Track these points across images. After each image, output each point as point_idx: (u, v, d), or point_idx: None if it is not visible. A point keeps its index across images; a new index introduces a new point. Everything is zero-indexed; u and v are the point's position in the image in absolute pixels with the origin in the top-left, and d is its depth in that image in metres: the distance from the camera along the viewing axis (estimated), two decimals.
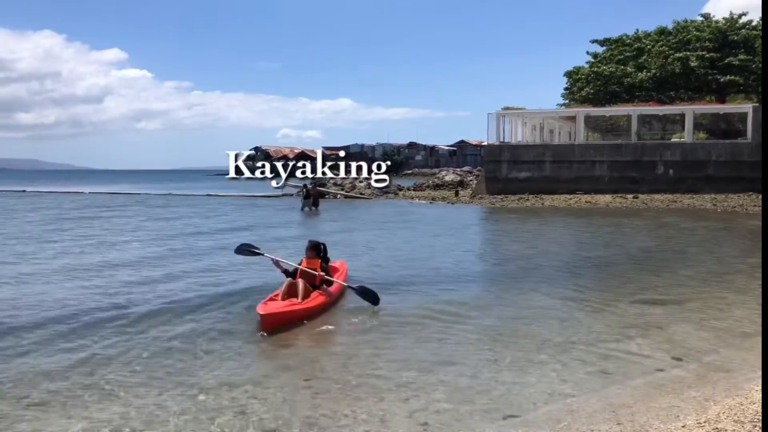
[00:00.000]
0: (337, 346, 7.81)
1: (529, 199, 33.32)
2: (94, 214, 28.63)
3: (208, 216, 28.25)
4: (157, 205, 35.50)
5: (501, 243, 19.45)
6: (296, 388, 6.17)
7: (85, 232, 20.76)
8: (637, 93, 50.77)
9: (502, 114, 38.81)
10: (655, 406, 5.48)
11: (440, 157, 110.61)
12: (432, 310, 9.41)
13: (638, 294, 10.54)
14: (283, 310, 8.54)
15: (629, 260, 14.50)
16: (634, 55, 53.76)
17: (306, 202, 31.14)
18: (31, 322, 8.58)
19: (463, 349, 7.44)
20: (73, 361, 6.94)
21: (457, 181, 45.64)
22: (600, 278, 12.25)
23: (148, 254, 15.37)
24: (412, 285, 11.51)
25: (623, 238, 18.94)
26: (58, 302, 9.82)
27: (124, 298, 10.15)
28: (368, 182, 42.55)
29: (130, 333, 8.12)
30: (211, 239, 18.77)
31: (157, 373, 6.58)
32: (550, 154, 35.93)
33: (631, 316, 8.99)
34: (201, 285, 11.28)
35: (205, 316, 9.09)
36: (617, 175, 34.37)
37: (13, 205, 35.86)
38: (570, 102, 56.49)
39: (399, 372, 6.60)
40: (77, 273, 12.58)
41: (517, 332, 8.19)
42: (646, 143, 36.03)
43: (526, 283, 11.64)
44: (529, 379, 6.36)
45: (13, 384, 6.22)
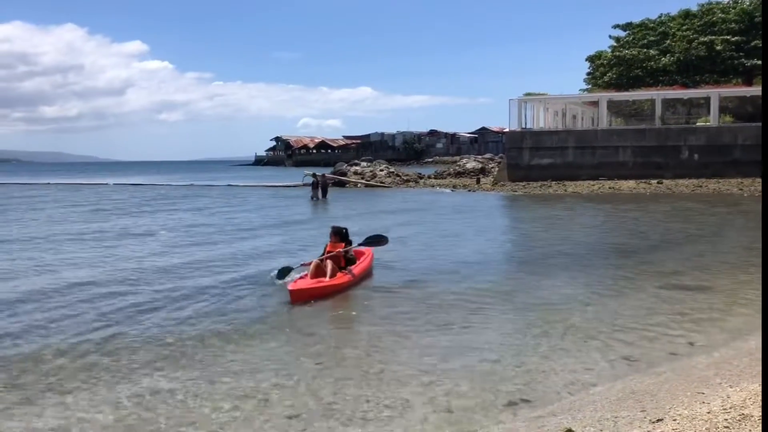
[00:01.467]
0: (359, 333, 7.85)
1: (551, 185, 33.08)
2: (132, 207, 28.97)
3: (234, 207, 28.44)
4: (182, 196, 35.81)
5: (523, 230, 19.36)
6: (319, 374, 6.21)
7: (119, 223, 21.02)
8: (661, 77, 50.08)
9: (523, 100, 38.49)
10: (680, 393, 5.43)
11: (461, 145, 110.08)
12: (454, 297, 9.42)
13: (663, 280, 10.44)
14: (312, 287, 9.46)
15: (653, 246, 14.36)
16: (658, 39, 53.02)
17: (315, 192, 31.24)
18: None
19: (485, 336, 7.43)
20: (98, 343, 7.04)
21: (478, 169, 45.42)
22: (624, 264, 12.13)
23: (174, 243, 15.54)
24: (434, 272, 11.52)
25: (647, 224, 18.75)
26: (101, 287, 9.98)
27: (149, 286, 10.28)
28: (388, 170, 42.66)
29: (153, 319, 8.22)
30: (243, 232, 18.91)
31: (181, 360, 6.66)
32: (573, 140, 35.58)
33: (656, 302, 8.91)
34: (224, 272, 11.38)
35: (228, 303, 9.18)
36: (641, 160, 33.97)
37: (45, 196, 36.37)
38: (592, 87, 55.91)
39: (421, 358, 6.61)
40: (113, 257, 12.76)
41: (540, 319, 8.16)
42: (670, 128, 35.53)
43: (548, 270, 11.59)
44: (553, 366, 6.34)
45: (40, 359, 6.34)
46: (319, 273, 9.88)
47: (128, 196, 36.30)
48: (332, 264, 10.01)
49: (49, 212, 25.30)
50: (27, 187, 47.42)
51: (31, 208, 27.06)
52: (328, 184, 33.06)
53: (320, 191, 31.26)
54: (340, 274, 10.02)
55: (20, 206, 28.92)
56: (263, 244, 15.36)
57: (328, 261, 10.08)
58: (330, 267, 9.93)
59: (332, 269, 9.92)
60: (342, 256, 10.45)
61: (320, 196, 30.86)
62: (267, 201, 31.00)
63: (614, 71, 53.43)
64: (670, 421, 4.45)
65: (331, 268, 9.93)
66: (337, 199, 31.23)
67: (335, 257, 10.28)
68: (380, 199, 31.13)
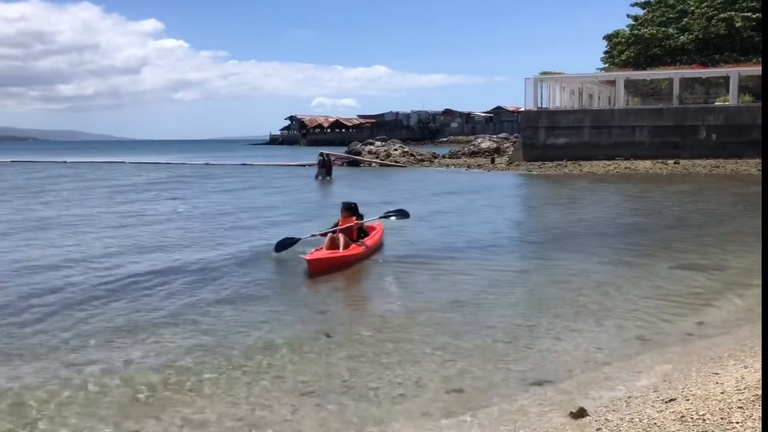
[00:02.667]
0: (371, 310, 7.88)
1: (567, 165, 32.84)
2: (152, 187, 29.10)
3: (245, 185, 28.54)
4: (201, 176, 35.98)
5: (538, 209, 19.28)
6: (332, 352, 6.25)
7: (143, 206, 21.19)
8: (679, 56, 49.34)
9: (539, 79, 38.11)
10: (693, 373, 5.42)
11: (476, 124, 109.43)
12: (467, 275, 9.44)
13: (678, 260, 10.38)
14: (328, 257, 9.91)
15: (669, 226, 14.26)
16: (677, 17, 52.19)
17: (320, 171, 31.28)
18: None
19: (499, 315, 7.44)
20: (112, 320, 7.13)
21: (493, 148, 45.15)
22: (639, 244, 12.06)
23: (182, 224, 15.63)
24: (447, 250, 11.53)
25: (663, 205, 18.60)
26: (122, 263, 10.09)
27: (158, 262, 10.36)
28: (403, 150, 42.54)
29: (172, 295, 8.30)
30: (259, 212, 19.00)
31: (195, 337, 6.72)
32: (589, 120, 35.23)
33: (670, 283, 8.86)
34: (237, 249, 11.43)
35: (242, 279, 9.24)
36: (658, 140, 33.60)
37: (74, 176, 36.64)
38: (609, 66, 55.23)
39: (434, 336, 6.63)
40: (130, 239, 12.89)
41: (554, 298, 8.15)
42: (688, 107, 35.07)
43: (563, 250, 11.55)
44: (565, 346, 6.34)
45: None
46: (333, 246, 10.32)
47: (147, 176, 36.48)
48: (344, 237, 10.42)
49: (83, 194, 25.50)
50: (47, 165, 47.78)
51: (62, 189, 27.21)
52: (333, 163, 33.14)
53: (325, 171, 31.37)
54: (353, 246, 10.44)
55: (49, 187, 29.16)
56: (271, 219, 15.39)
57: (340, 234, 10.48)
58: (342, 240, 10.34)
59: (345, 242, 10.34)
60: (356, 229, 10.84)
61: (325, 176, 30.95)
62: (279, 180, 31.07)
63: (632, 50, 52.71)
64: (683, 401, 4.45)
65: (344, 240, 10.34)
66: (347, 178, 31.25)
67: (348, 230, 10.69)
68: (393, 178, 31.08)
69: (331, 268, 9.75)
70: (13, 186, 28.42)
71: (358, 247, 10.49)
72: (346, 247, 10.31)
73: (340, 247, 10.27)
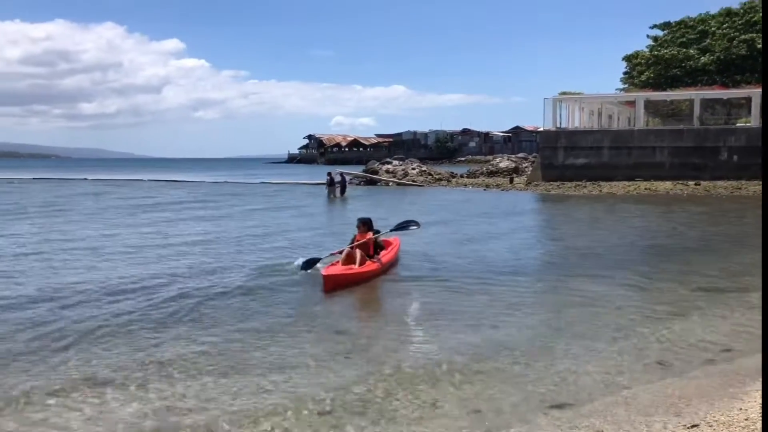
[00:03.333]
0: (389, 330, 7.82)
1: (586, 186, 32.69)
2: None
3: (274, 206, 28.68)
4: (221, 194, 36.22)
5: (557, 230, 19.16)
6: (350, 371, 6.21)
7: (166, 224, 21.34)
8: (700, 77, 49.16)
9: (558, 99, 38.09)
10: (716, 399, 5.32)
11: (494, 144, 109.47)
12: (485, 295, 9.38)
13: (699, 283, 10.24)
14: (343, 273, 9.97)
15: (690, 248, 14.10)
16: (698, 38, 52.07)
17: (330, 190, 31.42)
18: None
19: (517, 336, 7.37)
20: (132, 340, 7.15)
21: (511, 168, 45.08)
22: (659, 266, 11.93)
23: (202, 238, 15.72)
24: (464, 269, 11.47)
25: (684, 226, 18.42)
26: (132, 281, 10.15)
27: (178, 283, 10.41)
28: (420, 169, 42.60)
29: (186, 312, 8.32)
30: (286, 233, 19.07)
31: (212, 357, 6.71)
32: (609, 140, 35.10)
33: (692, 305, 8.74)
34: (255, 266, 11.46)
35: (256, 299, 9.24)
36: (678, 161, 33.37)
37: (109, 193, 37.07)
38: (629, 87, 55.15)
39: (452, 357, 6.57)
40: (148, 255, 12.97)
41: (573, 320, 8.06)
42: (709, 128, 34.84)
43: (583, 270, 11.45)
44: (585, 368, 6.26)
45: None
46: (349, 261, 10.40)
47: (168, 195, 36.81)
48: (361, 252, 10.51)
49: (116, 213, 25.78)
50: (68, 183, 48.43)
51: (98, 208, 27.53)
52: (350, 182, 33.31)
53: (338, 189, 31.51)
54: (368, 263, 10.54)
55: (69, 205, 29.52)
56: (289, 237, 15.43)
57: (356, 249, 10.57)
58: (359, 255, 10.43)
59: (361, 257, 10.43)
60: (371, 243, 10.99)
61: (338, 194, 31.08)
62: (296, 198, 31.21)
63: (652, 71, 52.63)
64: (706, 426, 4.37)
65: (360, 256, 10.44)
66: (364, 197, 31.31)
67: (364, 245, 10.83)
68: (411, 198, 31.07)
69: (347, 284, 9.84)
70: (36, 203, 28.80)
71: (372, 264, 10.62)
72: (362, 262, 10.40)
73: (356, 262, 10.36)
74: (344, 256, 10.53)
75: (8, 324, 7.87)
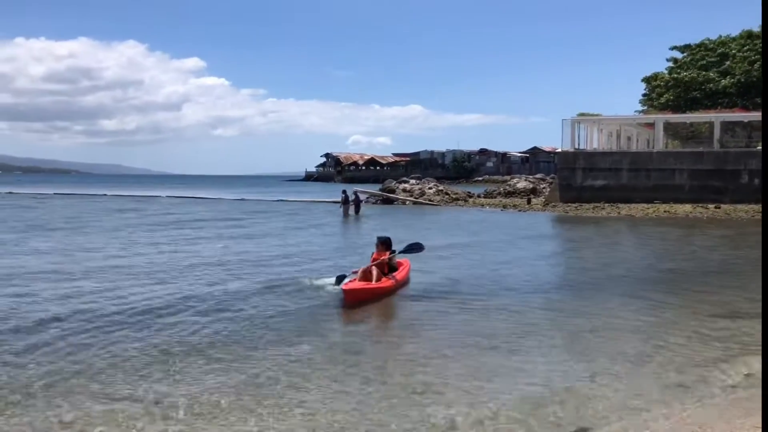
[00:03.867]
0: (404, 351, 7.78)
1: (604, 207, 32.51)
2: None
3: (278, 222, 28.80)
4: (243, 211, 36.45)
5: (575, 251, 19.03)
6: (364, 392, 6.18)
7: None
8: (720, 99, 48.90)
9: (577, 120, 38.05)
10: (738, 426, 5.23)
11: (512, 164, 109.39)
12: (502, 318, 9.32)
13: (719, 307, 10.12)
14: (363, 287, 10.50)
15: (710, 272, 13.93)
16: (718, 61, 51.86)
17: (345, 208, 31.58)
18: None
19: (534, 359, 7.30)
20: (141, 350, 7.18)
21: (529, 189, 44.97)
22: (678, 290, 11.79)
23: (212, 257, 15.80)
24: (481, 291, 11.42)
25: (703, 250, 18.23)
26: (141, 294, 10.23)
27: (191, 302, 10.46)
28: (437, 188, 42.60)
29: (203, 328, 8.35)
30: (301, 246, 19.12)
31: (229, 375, 6.72)
32: (627, 162, 34.94)
33: (712, 331, 8.62)
34: (271, 281, 11.50)
35: (273, 318, 9.25)
36: (698, 184, 33.12)
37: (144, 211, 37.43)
38: (648, 108, 54.96)
39: (468, 379, 6.53)
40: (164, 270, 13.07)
41: (591, 343, 7.99)
42: (729, 151, 34.59)
43: (601, 293, 11.36)
44: (603, 392, 6.19)
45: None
46: (366, 278, 10.94)
47: (187, 211, 37.10)
48: (377, 270, 11.06)
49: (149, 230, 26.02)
50: (87, 198, 48.99)
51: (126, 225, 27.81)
52: (367, 201, 33.38)
53: (353, 207, 31.72)
54: (384, 279, 11.07)
55: (93, 221, 29.83)
56: (309, 254, 15.46)
57: (373, 267, 11.11)
58: (375, 273, 11.00)
59: (377, 275, 10.99)
60: (386, 263, 11.45)
61: (352, 212, 31.28)
62: (313, 217, 31.29)
63: (671, 93, 52.44)
64: None
65: (377, 273, 11.00)
66: (381, 216, 31.35)
67: (380, 264, 11.29)
68: (427, 217, 31.04)
69: (367, 298, 10.30)
70: (59, 217, 29.14)
71: (388, 281, 11.13)
72: (378, 279, 10.95)
73: (374, 279, 10.90)
74: (361, 273, 11.05)
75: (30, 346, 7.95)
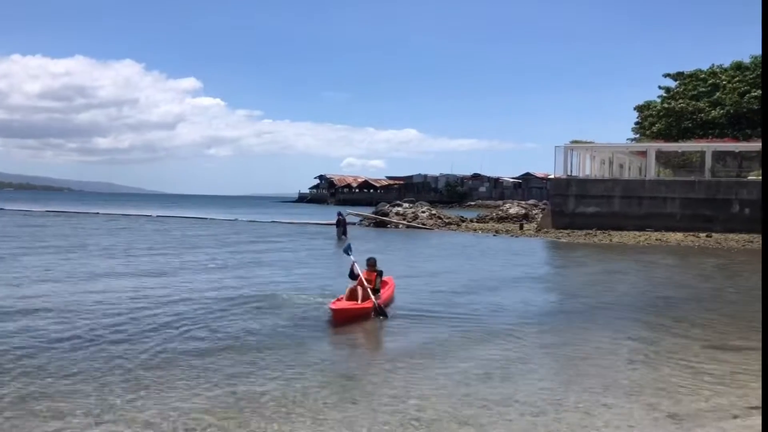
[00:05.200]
0: (396, 378, 7.73)
1: (596, 234, 32.59)
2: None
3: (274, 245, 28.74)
4: (235, 232, 36.35)
5: (566, 278, 19.04)
6: (356, 420, 6.14)
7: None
8: (711, 130, 49.36)
9: (570, 147, 38.26)
10: None
11: (505, 189, 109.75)
12: (494, 346, 9.29)
13: (711, 338, 10.13)
14: (350, 307, 10.94)
15: (701, 302, 13.95)
16: (709, 91, 52.40)
17: (339, 230, 31.86)
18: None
19: (526, 388, 7.27)
20: (143, 359, 7.13)
21: (521, 214, 45.09)
22: (670, 319, 11.79)
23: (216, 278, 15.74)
24: (475, 317, 11.40)
25: (696, 279, 18.28)
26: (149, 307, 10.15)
27: (189, 312, 10.40)
28: (430, 212, 42.66)
29: (198, 342, 8.29)
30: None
31: (222, 409, 6.66)
32: (620, 190, 35.11)
33: (704, 361, 8.62)
34: (262, 310, 11.46)
35: (263, 341, 9.21)
36: (689, 212, 33.28)
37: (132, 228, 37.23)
38: (640, 137, 55.39)
39: (460, 408, 6.49)
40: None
41: (583, 372, 7.97)
42: (720, 180, 34.82)
43: (592, 322, 11.36)
44: (595, 422, 6.17)
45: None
46: (352, 297, 11.35)
47: (180, 231, 37.00)
48: (363, 290, 11.41)
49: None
50: (81, 216, 48.79)
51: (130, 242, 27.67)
52: (360, 223, 33.46)
53: (341, 231, 31.80)
54: (369, 300, 11.31)
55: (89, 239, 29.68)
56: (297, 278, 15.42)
57: (358, 287, 11.47)
58: (361, 292, 11.37)
59: (363, 294, 11.34)
60: (374, 283, 11.74)
61: (342, 236, 31.26)
62: (306, 239, 31.28)
63: (663, 122, 52.91)
64: None
65: (362, 293, 11.36)
66: (373, 239, 31.38)
67: (368, 283, 11.61)
68: (419, 241, 31.04)
69: (353, 317, 10.71)
70: (54, 234, 29.01)
71: (371, 301, 11.36)
72: (364, 298, 11.29)
73: (359, 298, 11.27)
74: (347, 293, 11.46)
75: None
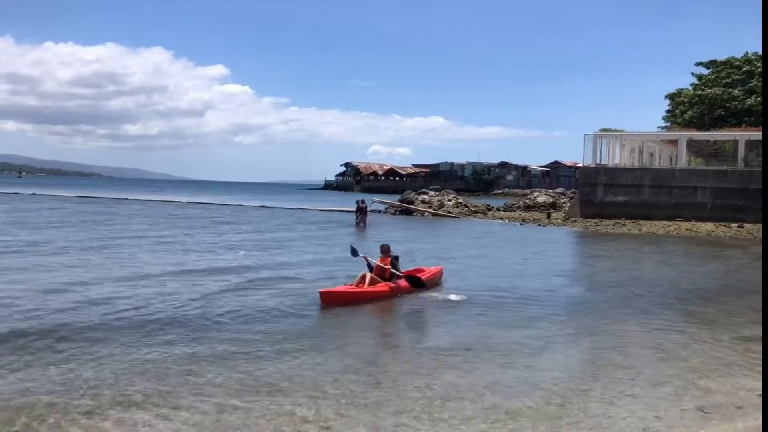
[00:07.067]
0: (420, 366, 7.73)
1: (625, 224, 32.20)
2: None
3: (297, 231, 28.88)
4: (261, 220, 36.63)
5: (595, 268, 18.85)
6: (380, 406, 6.16)
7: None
8: (746, 118, 48.37)
9: (599, 135, 37.80)
10: None
11: (532, 178, 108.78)
12: (520, 335, 9.25)
13: (742, 329, 9.96)
14: (340, 291, 11.16)
15: (732, 293, 13.72)
16: (743, 79, 51.33)
17: (358, 216, 32.17)
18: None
19: (552, 377, 7.23)
20: (152, 360, 7.23)
21: (549, 203, 44.70)
22: (700, 310, 11.64)
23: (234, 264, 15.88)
24: (502, 306, 11.35)
25: (726, 270, 17.99)
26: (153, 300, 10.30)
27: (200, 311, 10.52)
28: (456, 200, 42.48)
29: (206, 338, 8.39)
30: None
31: (241, 384, 6.74)
32: (649, 179, 34.62)
33: (734, 353, 8.49)
34: (286, 292, 11.54)
35: (285, 329, 9.28)
36: (721, 202, 32.73)
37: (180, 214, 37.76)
38: (671, 125, 54.54)
39: (484, 396, 6.48)
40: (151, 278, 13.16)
41: (610, 362, 7.90)
42: (753, 170, 34.13)
43: (620, 312, 11.24)
44: (621, 413, 6.11)
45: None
46: (362, 282, 11.62)
47: (209, 216, 37.37)
48: (371, 276, 11.74)
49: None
50: (109, 201, 49.53)
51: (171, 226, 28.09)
52: (367, 211, 33.61)
53: (359, 217, 32.04)
54: (380, 284, 11.69)
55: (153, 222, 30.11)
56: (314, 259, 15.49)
57: (367, 273, 11.80)
58: (369, 278, 11.67)
59: (371, 279, 11.66)
60: (388, 269, 12.04)
61: (360, 222, 31.56)
62: (329, 226, 31.39)
63: (695, 110, 52.01)
64: None
65: (370, 278, 11.67)
66: (398, 226, 31.44)
67: (381, 269, 12.02)
68: (445, 229, 30.90)
69: (344, 301, 10.84)
70: (88, 219, 29.49)
71: (383, 285, 11.72)
72: (371, 283, 11.57)
73: (366, 283, 11.55)
74: (359, 278, 11.73)
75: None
